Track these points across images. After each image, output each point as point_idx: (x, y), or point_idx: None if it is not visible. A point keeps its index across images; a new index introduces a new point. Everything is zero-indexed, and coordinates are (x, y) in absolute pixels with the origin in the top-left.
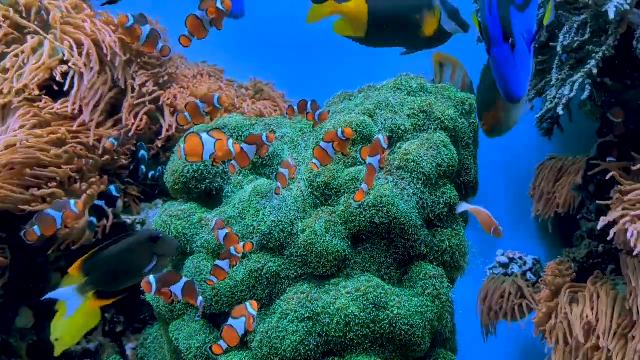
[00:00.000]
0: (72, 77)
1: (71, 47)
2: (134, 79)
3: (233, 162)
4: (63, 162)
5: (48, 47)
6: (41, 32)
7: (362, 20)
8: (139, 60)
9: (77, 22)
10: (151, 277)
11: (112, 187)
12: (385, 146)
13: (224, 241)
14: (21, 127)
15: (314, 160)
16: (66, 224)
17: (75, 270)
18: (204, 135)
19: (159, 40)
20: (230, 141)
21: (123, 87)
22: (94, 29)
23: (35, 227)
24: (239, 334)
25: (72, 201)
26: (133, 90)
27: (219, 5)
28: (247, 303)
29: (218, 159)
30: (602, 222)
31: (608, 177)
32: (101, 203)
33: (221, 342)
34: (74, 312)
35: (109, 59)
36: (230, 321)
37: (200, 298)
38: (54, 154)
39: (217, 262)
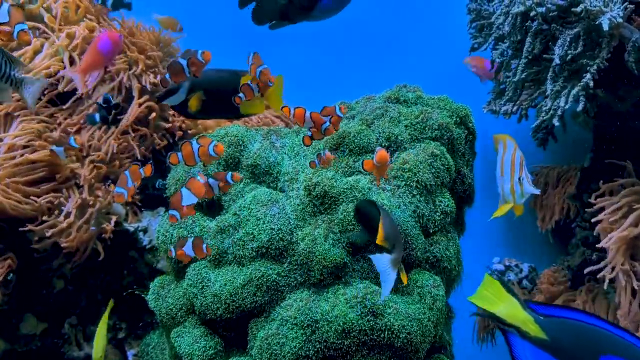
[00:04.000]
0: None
1: (70, 46)
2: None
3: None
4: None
5: (47, 50)
6: (46, 30)
7: None
8: (142, 65)
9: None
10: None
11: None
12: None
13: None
14: (23, 128)
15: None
16: (192, 70)
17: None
18: (194, 143)
19: None
20: (212, 145)
21: (118, 89)
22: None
23: (167, 75)
24: None
25: (199, 51)
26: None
27: (199, 56)
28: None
29: (205, 163)
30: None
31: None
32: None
33: None
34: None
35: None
36: None
37: (204, 245)
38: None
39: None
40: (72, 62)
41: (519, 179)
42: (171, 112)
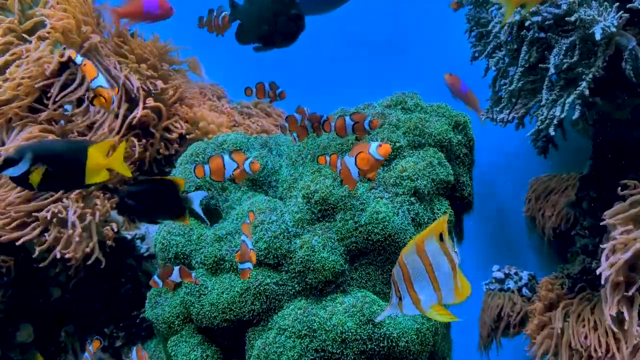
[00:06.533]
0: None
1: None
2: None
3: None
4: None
5: (44, 48)
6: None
7: None
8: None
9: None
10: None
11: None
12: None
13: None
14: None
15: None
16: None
17: None
18: (226, 157)
19: None
20: (247, 162)
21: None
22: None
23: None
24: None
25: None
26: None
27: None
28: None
29: (238, 179)
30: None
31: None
32: None
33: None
34: None
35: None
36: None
37: (194, 273)
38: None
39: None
40: (63, 56)
41: (400, 298)
42: (173, 121)
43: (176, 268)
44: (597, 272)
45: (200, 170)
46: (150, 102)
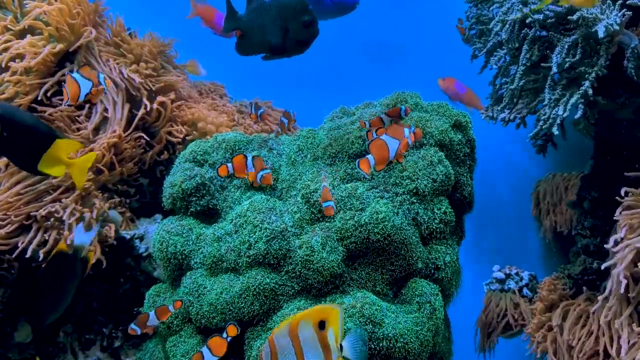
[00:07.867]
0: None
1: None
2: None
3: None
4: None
5: (38, 39)
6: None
7: None
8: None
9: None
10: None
11: None
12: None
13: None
14: None
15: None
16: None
17: None
18: (249, 158)
19: None
20: (260, 174)
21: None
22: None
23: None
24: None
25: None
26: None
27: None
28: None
29: (254, 181)
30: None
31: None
32: None
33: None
34: None
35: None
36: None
37: (170, 306)
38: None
39: None
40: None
41: None
42: (176, 127)
43: (151, 313)
44: (602, 267)
45: (223, 169)
46: (160, 98)
